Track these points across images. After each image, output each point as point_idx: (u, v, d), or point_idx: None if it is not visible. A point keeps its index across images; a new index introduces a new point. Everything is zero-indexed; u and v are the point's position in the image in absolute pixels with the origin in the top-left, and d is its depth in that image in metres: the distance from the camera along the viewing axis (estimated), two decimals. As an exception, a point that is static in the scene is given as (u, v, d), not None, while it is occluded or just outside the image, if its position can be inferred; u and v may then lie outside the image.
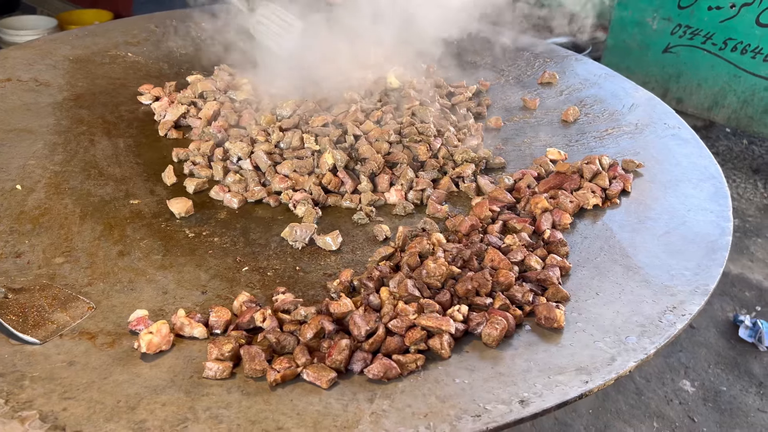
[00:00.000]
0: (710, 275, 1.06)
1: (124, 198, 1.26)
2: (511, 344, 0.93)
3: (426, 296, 0.98)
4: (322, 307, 0.96)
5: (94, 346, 0.90)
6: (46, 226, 1.15)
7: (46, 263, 1.06)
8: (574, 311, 1.00)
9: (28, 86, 1.61)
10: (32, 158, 1.34)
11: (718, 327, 2.86)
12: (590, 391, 0.85)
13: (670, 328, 0.95)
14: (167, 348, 0.90)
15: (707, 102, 3.85)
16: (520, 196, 1.27)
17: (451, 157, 1.39)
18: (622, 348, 0.92)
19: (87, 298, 0.99)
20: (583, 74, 1.81)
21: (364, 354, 0.89)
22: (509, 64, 1.89)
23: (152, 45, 1.89)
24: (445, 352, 0.90)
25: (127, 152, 1.41)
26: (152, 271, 1.07)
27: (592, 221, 1.23)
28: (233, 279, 1.07)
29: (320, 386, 0.85)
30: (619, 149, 1.46)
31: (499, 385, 0.85)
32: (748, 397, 2.52)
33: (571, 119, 1.59)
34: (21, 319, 0.91)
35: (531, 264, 1.07)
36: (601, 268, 1.10)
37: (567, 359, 0.90)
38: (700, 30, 3.71)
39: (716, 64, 3.72)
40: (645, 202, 1.28)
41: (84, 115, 1.52)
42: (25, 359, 0.87)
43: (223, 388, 0.84)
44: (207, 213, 1.24)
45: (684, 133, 1.51)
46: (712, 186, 1.31)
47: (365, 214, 1.24)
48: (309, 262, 1.12)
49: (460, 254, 1.06)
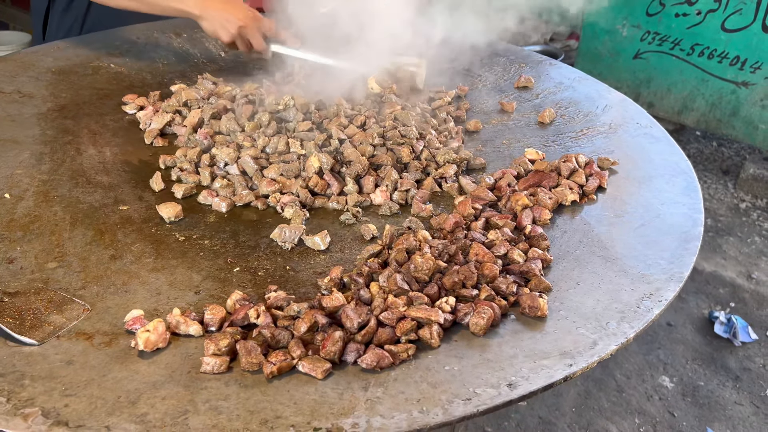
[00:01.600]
0: (684, 263, 1.11)
1: (113, 204, 1.27)
2: (497, 333, 0.97)
3: (415, 289, 1.02)
4: (315, 302, 0.99)
5: (92, 345, 0.92)
6: (37, 232, 1.16)
7: (39, 268, 1.08)
8: (557, 300, 1.04)
9: (12, 98, 1.62)
10: (19, 168, 1.35)
11: (694, 324, 2.94)
12: (574, 373, 0.89)
13: (647, 313, 1.00)
14: (164, 345, 0.92)
15: (677, 106, 3.97)
16: (501, 194, 1.31)
17: (433, 159, 1.43)
18: (603, 333, 0.96)
19: (82, 301, 1.00)
20: (558, 78, 1.87)
21: (357, 345, 0.92)
22: (486, 69, 1.95)
23: (134, 56, 1.90)
24: (435, 342, 0.94)
25: (114, 160, 1.43)
26: (145, 273, 1.09)
27: (571, 216, 1.28)
28: (225, 279, 1.09)
29: (316, 377, 0.87)
30: (595, 148, 1.51)
31: (487, 371, 0.89)
32: (725, 391, 2.59)
33: (547, 121, 1.64)
34: (18, 322, 0.92)
35: (514, 257, 1.11)
36: (580, 259, 1.14)
37: (551, 345, 0.94)
38: (669, 36, 3.83)
39: (685, 69, 3.84)
40: (620, 197, 1.33)
41: (69, 125, 1.54)
42: (24, 360, 0.88)
43: (220, 381, 0.87)
44: (196, 217, 1.26)
45: (655, 132, 1.57)
46: (684, 181, 1.37)
47: (352, 215, 1.27)
48: (299, 261, 1.15)
49: (446, 249, 1.09)
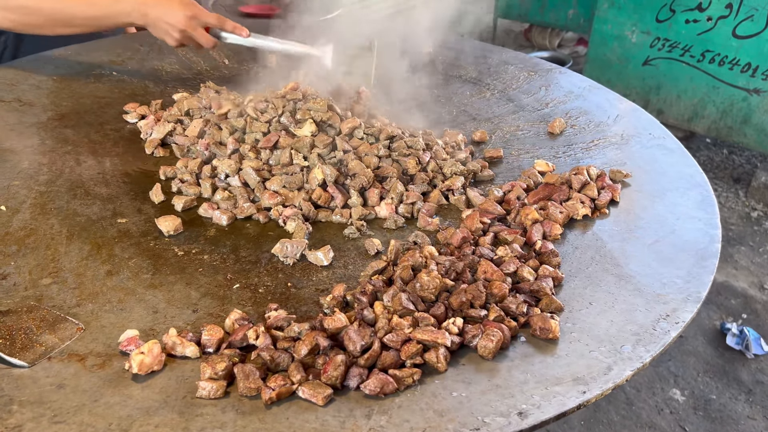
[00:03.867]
0: (701, 282, 1.07)
1: (111, 217, 1.24)
2: (507, 356, 0.93)
3: (420, 309, 0.98)
4: (316, 323, 0.95)
5: (84, 368, 0.88)
6: (32, 246, 1.13)
7: (32, 284, 1.04)
8: (569, 321, 1.00)
9: (12, 107, 1.59)
10: (17, 179, 1.32)
11: (705, 335, 2.88)
12: (588, 401, 0.85)
13: (664, 336, 0.96)
14: (159, 368, 0.89)
15: (687, 113, 3.92)
16: (510, 207, 1.28)
17: (440, 171, 1.39)
18: (617, 357, 0.92)
19: (76, 319, 0.97)
20: (568, 87, 1.83)
21: (359, 369, 0.88)
22: (494, 78, 1.91)
23: (137, 64, 1.88)
24: (442, 366, 0.90)
25: (114, 171, 1.39)
26: (142, 290, 1.05)
27: (582, 231, 1.23)
28: (224, 297, 1.06)
29: (316, 403, 0.84)
30: (606, 160, 1.47)
31: (496, 398, 0.85)
32: (738, 405, 2.53)
33: (557, 131, 1.60)
34: (8, 342, 0.89)
35: (524, 275, 1.07)
36: (593, 277, 1.10)
37: (563, 369, 0.90)
38: (679, 43, 3.79)
39: (695, 76, 3.79)
40: (634, 211, 1.29)
41: (69, 135, 1.51)
42: (12, 383, 0.84)
43: (217, 407, 0.83)
44: (196, 231, 1.23)
45: (669, 143, 1.53)
46: (699, 194, 1.33)
47: (356, 229, 1.23)
48: (300, 278, 1.12)
49: (453, 267, 1.06)
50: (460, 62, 1.99)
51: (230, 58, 1.97)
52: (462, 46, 2.06)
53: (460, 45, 2.05)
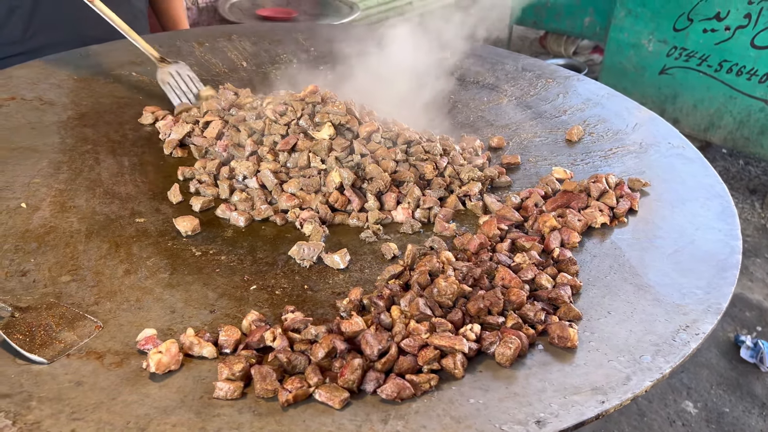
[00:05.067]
0: (722, 294, 1.06)
1: (129, 216, 1.25)
2: (524, 364, 0.92)
3: (437, 315, 0.97)
4: (333, 326, 0.95)
5: (102, 365, 0.89)
6: (52, 244, 1.14)
7: (52, 282, 1.05)
8: (587, 330, 0.99)
9: (32, 105, 1.60)
10: (37, 176, 1.33)
11: (719, 347, 2.86)
12: (607, 411, 0.84)
13: (684, 347, 0.95)
14: (176, 368, 0.89)
15: (704, 123, 3.89)
16: (528, 214, 1.27)
17: (457, 176, 1.39)
18: (637, 367, 0.91)
19: (94, 317, 0.97)
20: (586, 94, 1.82)
21: (376, 374, 0.87)
22: (511, 84, 1.90)
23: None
24: (459, 372, 0.89)
25: (132, 171, 1.40)
26: (159, 289, 1.06)
27: (601, 240, 1.23)
28: (241, 298, 1.06)
29: (333, 406, 0.83)
30: (625, 168, 1.46)
31: (514, 405, 0.84)
32: (751, 419, 2.50)
33: (575, 138, 1.59)
34: (28, 339, 0.89)
35: (542, 283, 1.06)
36: (611, 286, 1.09)
37: (582, 379, 0.89)
38: (696, 52, 3.76)
39: (712, 86, 3.76)
40: (653, 220, 1.27)
41: (88, 134, 1.52)
42: (32, 379, 0.85)
43: (234, 408, 0.83)
44: (213, 231, 1.23)
45: (689, 153, 1.51)
46: (719, 205, 1.31)
47: (372, 233, 1.23)
48: (317, 280, 1.11)
49: (470, 273, 1.05)
50: (477, 68, 1.98)
51: (248, 61, 1.98)
52: (478, 52, 2.06)
53: (476, 51, 2.05)
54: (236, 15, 3.48)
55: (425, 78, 1.72)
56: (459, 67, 1.96)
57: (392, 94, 1.63)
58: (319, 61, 2.00)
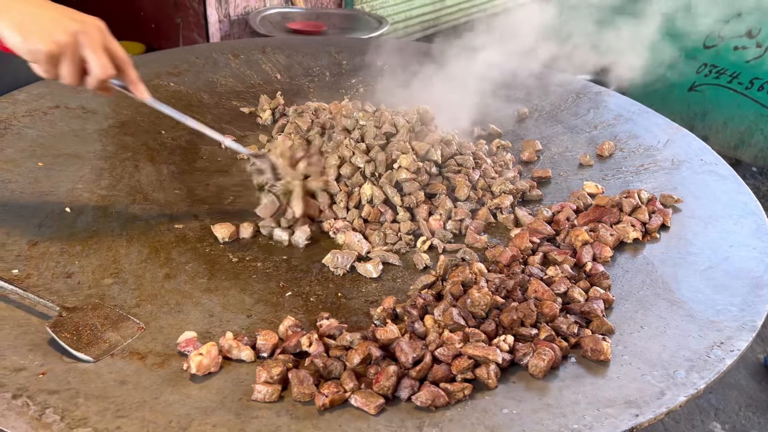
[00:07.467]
0: (757, 311, 1.05)
1: (168, 222, 1.28)
2: (557, 376, 0.93)
3: (471, 325, 0.98)
4: (368, 333, 0.96)
5: (145, 366, 0.91)
6: (95, 248, 1.18)
7: (95, 284, 1.08)
8: (620, 344, 0.99)
9: (76, 113, 1.66)
10: (80, 182, 1.37)
11: (748, 368, 2.80)
12: (640, 425, 0.84)
13: (718, 363, 0.94)
14: (216, 370, 0.91)
15: (734, 141, 3.84)
16: (560, 228, 1.28)
17: (489, 189, 1.40)
18: (671, 382, 0.91)
19: (136, 319, 1.00)
20: (617, 110, 1.83)
21: (411, 381, 0.89)
22: (542, 99, 1.91)
23: (193, 76, 1.94)
24: (492, 382, 0.90)
25: (171, 178, 1.44)
26: (198, 294, 1.09)
27: (633, 255, 1.23)
28: (277, 303, 1.08)
29: (368, 412, 0.85)
30: (657, 184, 1.46)
31: (548, 416, 0.85)
32: (782, 442, 2.45)
33: (606, 154, 1.60)
34: (75, 337, 0.93)
35: (574, 296, 1.07)
36: (644, 301, 1.09)
37: (615, 392, 0.89)
38: (726, 69, 3.73)
39: (742, 103, 3.72)
40: (685, 237, 1.27)
41: (128, 142, 1.56)
42: (78, 377, 0.88)
43: (272, 411, 0.85)
44: (250, 239, 1.26)
45: (721, 170, 1.51)
46: (754, 222, 1.31)
47: (405, 243, 1.25)
48: (350, 288, 1.13)
49: (503, 284, 1.06)
50: (508, 82, 1.99)
51: (282, 73, 2.02)
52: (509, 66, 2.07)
53: (506, 64, 2.06)
54: (267, 28, 3.54)
55: (457, 92, 1.73)
56: (489, 80, 1.97)
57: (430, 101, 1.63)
58: (351, 75, 2.03)
